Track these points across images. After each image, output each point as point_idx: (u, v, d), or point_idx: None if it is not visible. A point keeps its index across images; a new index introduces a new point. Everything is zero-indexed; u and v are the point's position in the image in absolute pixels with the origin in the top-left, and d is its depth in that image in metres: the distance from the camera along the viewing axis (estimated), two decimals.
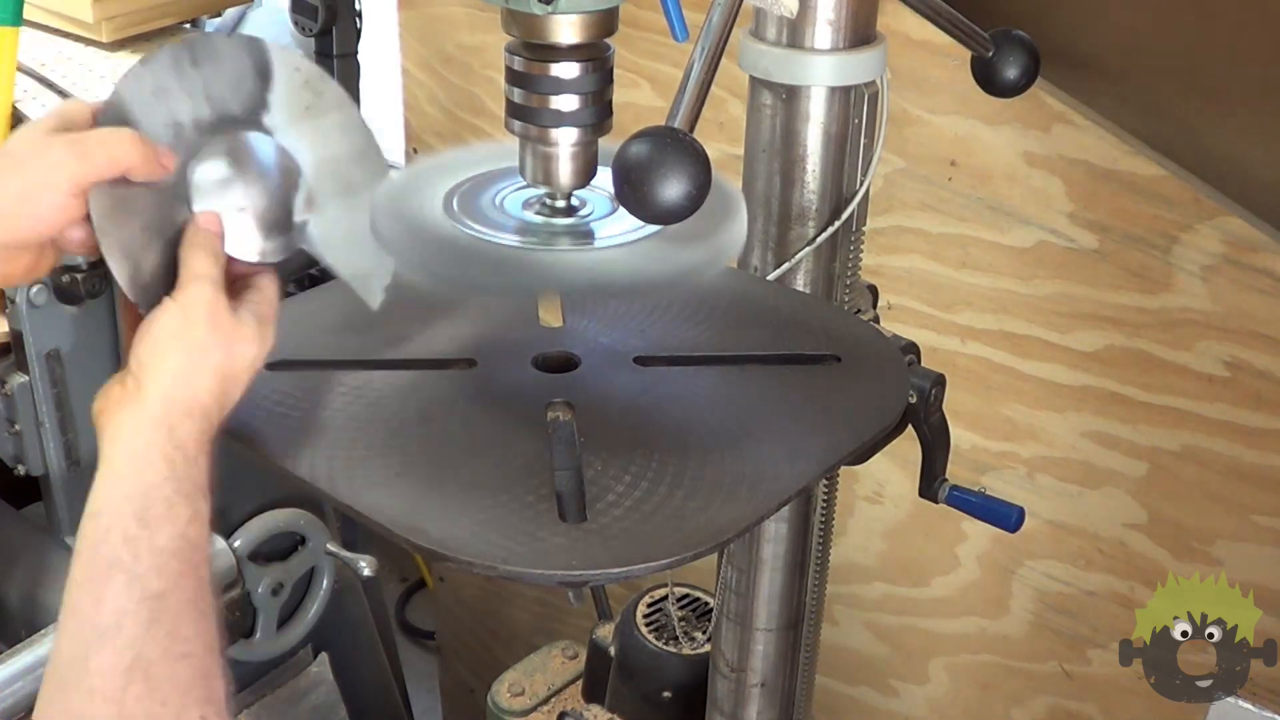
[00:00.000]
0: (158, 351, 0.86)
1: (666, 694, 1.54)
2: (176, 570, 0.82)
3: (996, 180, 1.47)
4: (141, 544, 0.81)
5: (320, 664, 1.88)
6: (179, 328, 0.86)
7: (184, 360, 0.86)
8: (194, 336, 0.86)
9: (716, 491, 0.87)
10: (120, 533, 0.81)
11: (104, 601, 0.80)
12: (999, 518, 1.19)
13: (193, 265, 0.89)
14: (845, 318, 1.16)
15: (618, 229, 0.91)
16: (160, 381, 0.85)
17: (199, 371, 0.86)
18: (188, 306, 0.87)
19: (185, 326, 0.86)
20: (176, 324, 0.86)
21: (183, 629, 0.81)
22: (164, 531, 0.82)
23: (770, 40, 1.09)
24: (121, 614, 0.79)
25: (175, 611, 0.81)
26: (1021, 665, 1.67)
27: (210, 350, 0.86)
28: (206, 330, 0.86)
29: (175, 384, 0.85)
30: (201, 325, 0.86)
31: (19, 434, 1.83)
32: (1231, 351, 1.37)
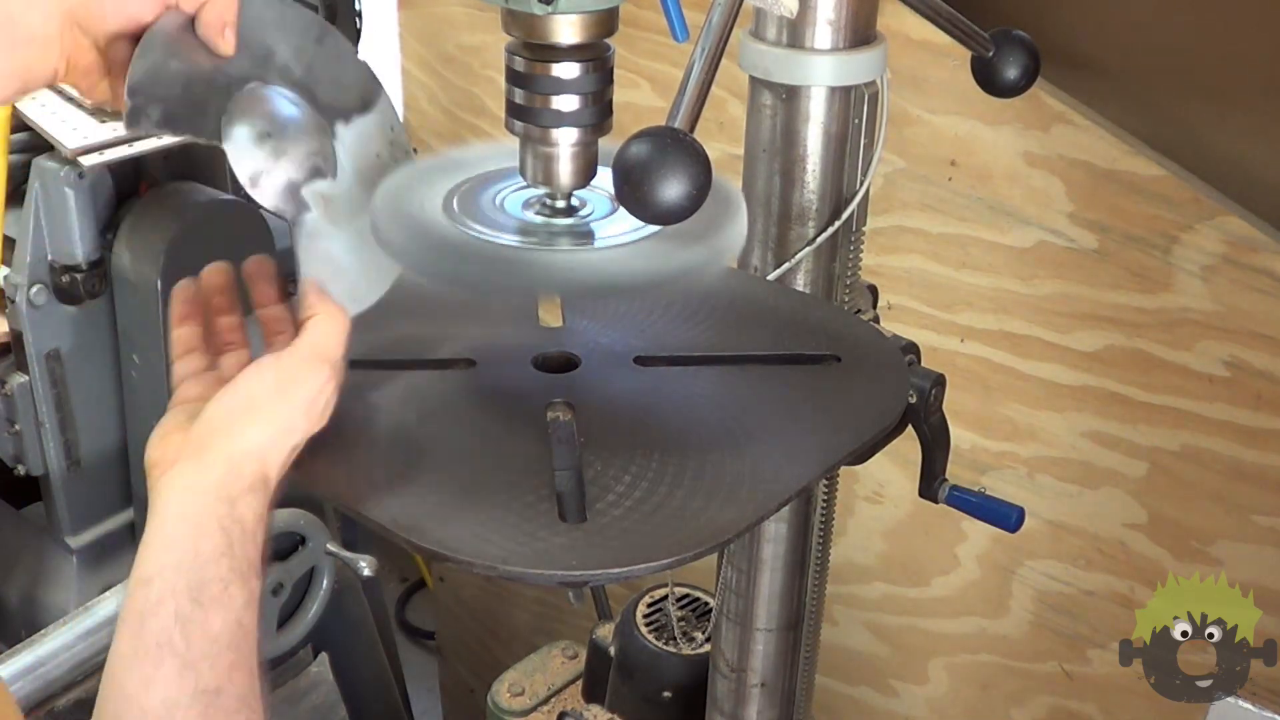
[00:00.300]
0: (236, 420, 0.81)
1: (666, 694, 1.54)
2: (229, 662, 0.78)
3: (996, 180, 1.47)
4: (194, 627, 0.77)
5: (320, 664, 1.88)
6: (271, 405, 0.81)
7: (267, 435, 0.81)
8: (285, 415, 0.82)
9: (716, 491, 0.87)
10: (172, 610, 0.77)
11: (153, 686, 0.76)
12: (999, 518, 1.19)
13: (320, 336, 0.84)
14: (845, 318, 1.16)
15: (618, 229, 0.91)
16: (231, 451, 0.80)
17: (274, 451, 0.82)
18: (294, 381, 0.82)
19: (279, 404, 0.82)
20: (270, 400, 0.81)
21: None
22: (218, 616, 0.78)
23: (770, 40, 1.09)
24: (172, 705, 0.76)
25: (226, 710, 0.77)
26: (1021, 665, 1.67)
27: (295, 431, 0.83)
28: (300, 412, 0.83)
29: (248, 458, 0.81)
30: (298, 405, 0.82)
31: (19, 434, 1.83)
32: (1231, 351, 1.37)
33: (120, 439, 1.98)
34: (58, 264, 1.79)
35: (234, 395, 0.82)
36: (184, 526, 0.79)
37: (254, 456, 0.81)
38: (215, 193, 1.96)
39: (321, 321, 0.85)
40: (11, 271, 1.80)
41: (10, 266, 1.81)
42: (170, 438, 0.83)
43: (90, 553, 2.01)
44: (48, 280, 1.79)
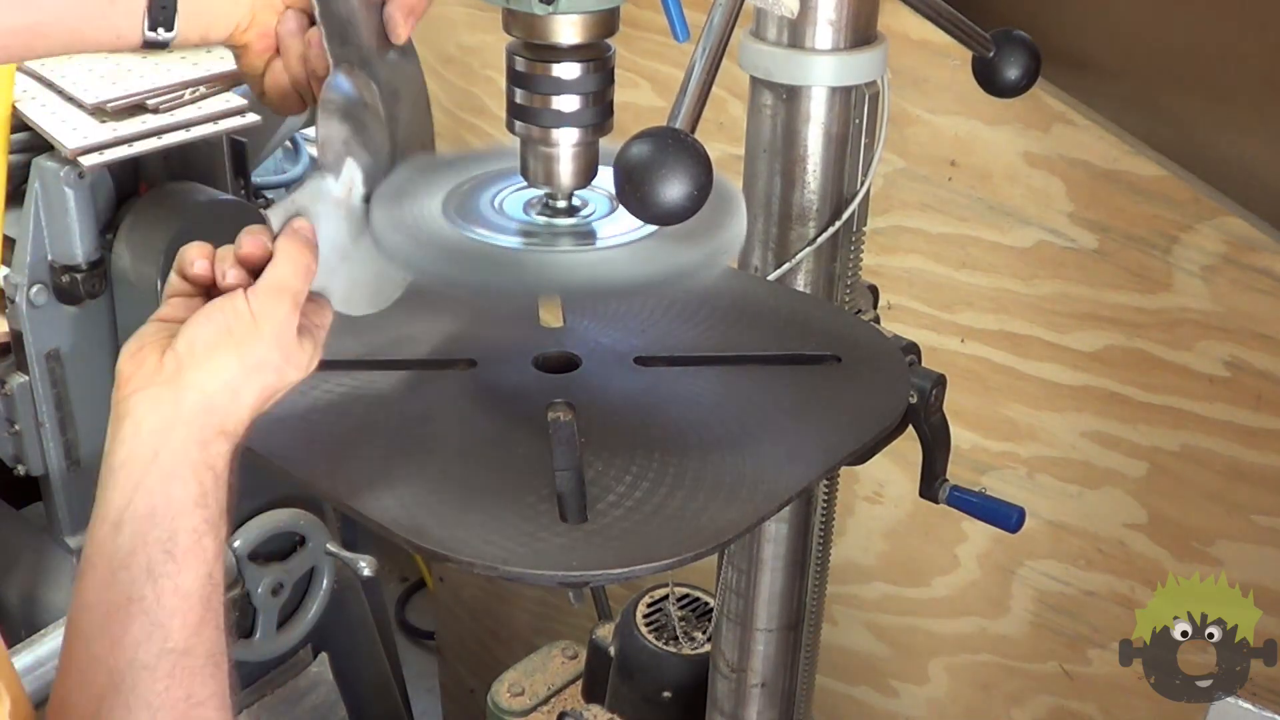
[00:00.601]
0: (213, 348, 0.80)
1: (666, 694, 1.54)
2: (198, 619, 0.77)
3: (996, 180, 1.47)
4: (165, 584, 0.76)
5: (320, 664, 1.88)
6: (243, 333, 0.80)
7: (237, 371, 0.80)
8: (255, 350, 0.81)
9: (717, 492, 0.87)
10: (144, 563, 0.76)
11: (121, 645, 0.75)
12: (999, 518, 1.19)
13: (281, 272, 0.83)
14: (845, 318, 1.16)
15: (619, 229, 0.91)
16: (205, 384, 0.79)
17: (247, 388, 0.81)
18: (261, 316, 0.81)
19: (250, 335, 0.81)
20: (242, 328, 0.80)
21: (199, 689, 0.77)
22: (190, 570, 0.76)
23: (771, 40, 1.09)
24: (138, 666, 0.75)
25: (194, 669, 0.76)
26: (1021, 665, 1.67)
27: (265, 370, 0.81)
28: (269, 347, 0.81)
29: (220, 393, 0.79)
30: (267, 340, 0.81)
31: (19, 434, 1.83)
32: (1231, 351, 1.37)
33: None
34: (58, 264, 1.79)
35: (204, 321, 0.81)
36: (155, 469, 0.77)
37: (227, 390, 0.80)
38: (215, 193, 1.95)
39: (282, 256, 0.84)
40: (11, 271, 1.80)
41: (10, 266, 1.81)
42: (146, 354, 0.81)
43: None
44: (48, 280, 1.79)
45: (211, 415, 0.79)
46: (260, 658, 1.77)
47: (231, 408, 0.80)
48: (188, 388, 0.79)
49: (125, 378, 0.80)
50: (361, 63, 0.91)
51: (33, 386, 1.81)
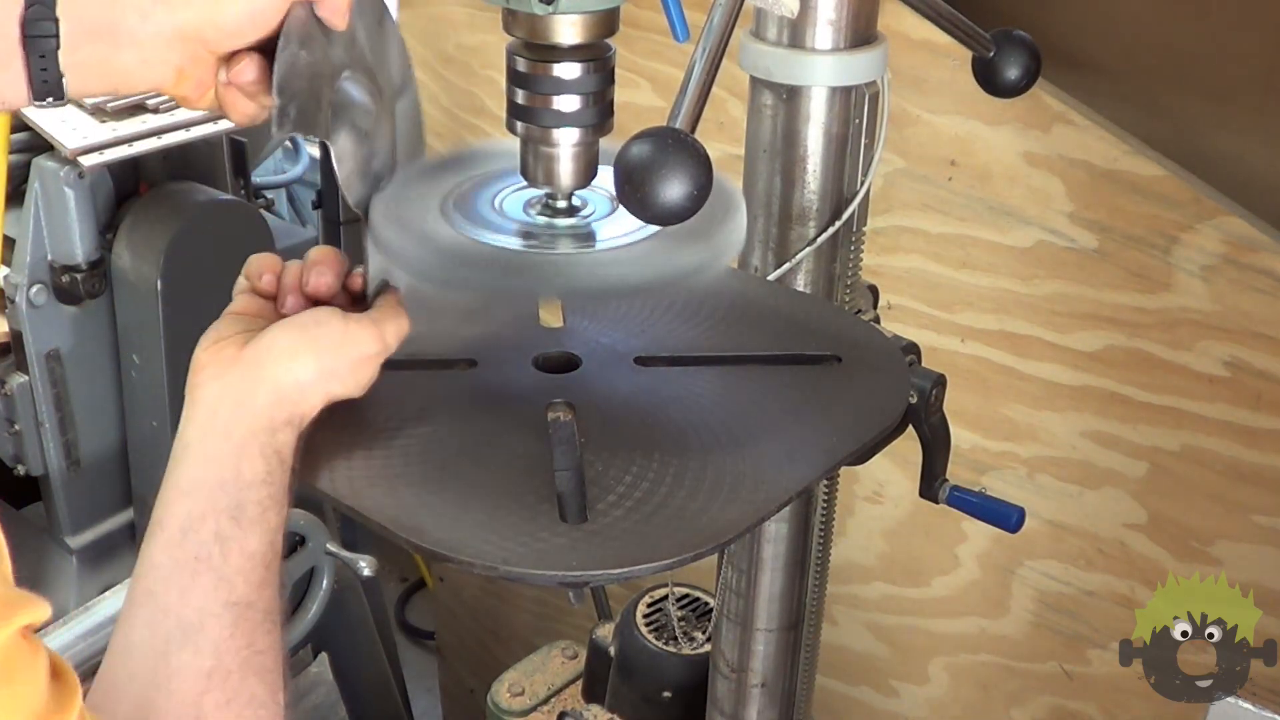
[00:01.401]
0: (295, 350, 0.85)
1: (666, 694, 1.54)
2: (260, 579, 0.82)
3: (996, 180, 1.47)
4: (233, 545, 0.81)
5: (320, 664, 1.88)
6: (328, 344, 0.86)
7: (313, 373, 0.85)
8: (333, 361, 0.86)
9: (717, 492, 0.87)
10: (213, 527, 0.81)
11: (189, 597, 0.80)
12: (999, 518, 1.19)
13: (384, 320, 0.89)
14: (845, 318, 1.16)
15: (619, 229, 0.91)
16: (280, 378, 0.84)
17: (316, 390, 0.86)
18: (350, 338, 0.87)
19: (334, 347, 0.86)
20: (329, 339, 0.86)
21: (260, 640, 0.82)
22: (255, 536, 0.82)
23: (771, 40, 1.09)
24: (205, 614, 0.80)
25: (256, 622, 0.81)
26: (1021, 665, 1.67)
27: (334, 379, 0.87)
28: (349, 364, 0.87)
29: (295, 389, 0.85)
30: (349, 357, 0.87)
31: (19, 434, 1.83)
32: (1231, 351, 1.37)
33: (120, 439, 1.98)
34: (58, 264, 1.79)
35: (298, 329, 0.86)
36: (227, 446, 0.82)
37: (300, 389, 0.84)
38: (215, 193, 1.96)
39: (390, 310, 0.90)
40: (11, 271, 1.80)
41: (10, 266, 1.81)
42: (224, 345, 0.86)
43: (90, 553, 2.01)
44: (48, 280, 1.79)
45: (281, 407, 0.84)
46: None
47: (300, 403, 0.85)
48: (263, 380, 0.84)
49: (201, 365, 0.85)
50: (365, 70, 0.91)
51: (33, 386, 1.81)
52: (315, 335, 0.86)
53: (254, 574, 0.82)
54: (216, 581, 0.80)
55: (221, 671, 0.79)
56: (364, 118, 0.90)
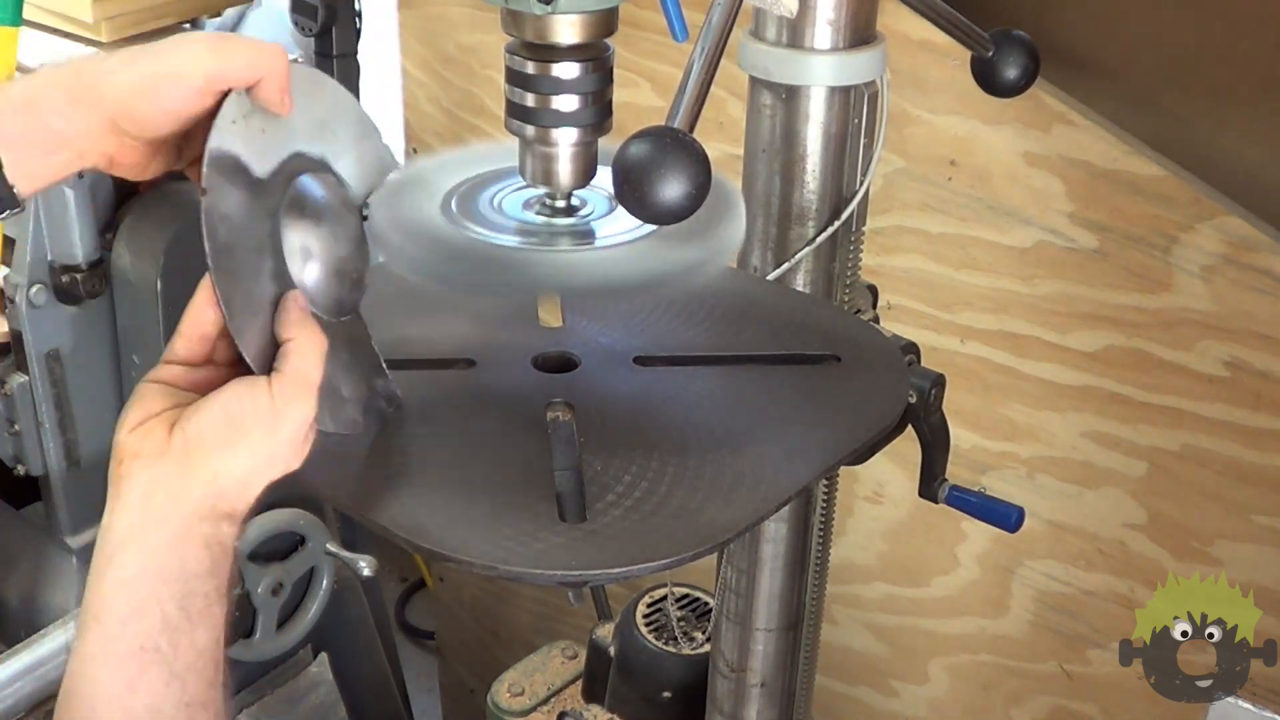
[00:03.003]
0: (229, 441, 0.78)
1: (666, 694, 1.54)
2: (210, 679, 0.77)
3: (996, 180, 1.47)
4: (182, 637, 0.76)
5: (320, 664, 1.88)
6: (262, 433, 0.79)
7: (251, 467, 0.79)
8: (272, 447, 0.79)
9: (716, 491, 0.87)
10: (159, 616, 0.75)
11: (138, 690, 0.75)
12: (999, 518, 1.19)
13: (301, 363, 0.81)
14: (845, 318, 1.16)
15: (617, 228, 0.91)
16: (218, 477, 0.78)
17: (257, 480, 0.80)
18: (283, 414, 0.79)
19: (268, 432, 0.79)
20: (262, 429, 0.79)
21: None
22: (203, 629, 0.77)
23: (770, 40, 1.08)
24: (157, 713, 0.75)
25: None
26: (1021, 665, 1.67)
27: (276, 464, 0.80)
28: (285, 444, 0.80)
29: (233, 486, 0.79)
30: (284, 438, 0.80)
31: (19, 434, 1.83)
32: (1231, 351, 1.37)
33: None
34: (58, 264, 1.79)
35: (223, 410, 0.79)
36: (166, 535, 0.77)
37: (238, 483, 0.79)
38: None
39: (304, 345, 0.82)
40: (11, 271, 1.79)
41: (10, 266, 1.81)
42: (151, 428, 0.79)
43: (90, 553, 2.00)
44: (48, 280, 1.79)
45: (221, 501, 0.78)
46: (260, 658, 1.77)
47: (240, 496, 0.79)
48: (196, 476, 0.77)
49: (129, 452, 0.78)
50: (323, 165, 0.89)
51: (33, 386, 1.81)
52: (244, 423, 0.78)
53: (205, 671, 0.77)
54: (168, 678, 0.75)
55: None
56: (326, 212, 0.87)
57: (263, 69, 0.80)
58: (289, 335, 0.82)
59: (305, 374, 0.81)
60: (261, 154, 0.84)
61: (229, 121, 0.81)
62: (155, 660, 0.75)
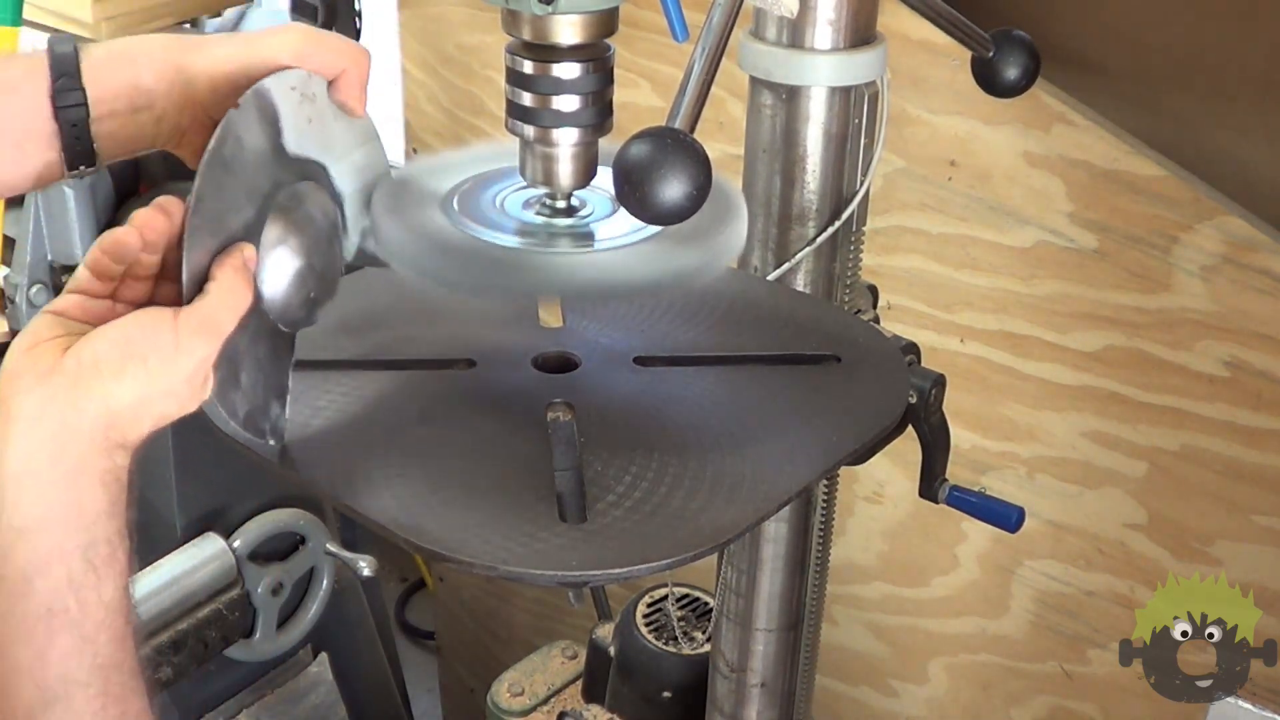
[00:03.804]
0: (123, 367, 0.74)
1: (666, 694, 1.54)
2: (121, 631, 0.73)
3: (996, 180, 1.47)
4: (88, 594, 0.72)
5: (320, 664, 1.88)
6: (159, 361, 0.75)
7: (142, 394, 0.75)
8: (166, 380, 0.75)
9: (717, 492, 0.87)
10: (64, 573, 0.71)
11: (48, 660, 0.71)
12: (999, 518, 1.19)
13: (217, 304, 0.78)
14: (845, 318, 1.16)
15: (618, 229, 0.91)
16: (108, 398, 0.73)
17: (148, 412, 0.76)
18: (183, 350, 0.76)
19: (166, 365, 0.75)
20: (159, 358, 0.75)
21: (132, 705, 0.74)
22: (110, 581, 0.73)
23: (770, 40, 1.09)
24: (70, 682, 0.71)
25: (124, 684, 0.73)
26: (1021, 665, 1.67)
27: (169, 399, 0.76)
28: (181, 380, 0.76)
29: (123, 411, 0.74)
30: (181, 374, 0.76)
31: None
32: (1231, 351, 1.37)
33: None
34: (58, 264, 1.79)
35: (121, 335, 0.75)
36: (60, 471, 0.72)
37: (129, 411, 0.74)
38: None
39: (227, 289, 0.78)
40: (11, 271, 1.80)
41: (10, 266, 1.81)
42: (42, 350, 0.74)
43: None
44: (48, 280, 1.79)
45: (113, 429, 0.74)
46: (260, 658, 1.77)
47: (132, 424, 0.75)
48: (88, 397, 0.73)
49: (14, 374, 0.73)
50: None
51: None
52: (142, 349, 0.74)
53: (115, 627, 0.72)
54: (79, 643, 0.71)
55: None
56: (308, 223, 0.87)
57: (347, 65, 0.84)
58: (219, 274, 0.79)
59: (216, 316, 0.78)
60: (295, 133, 0.85)
61: (288, 86, 0.84)
62: (64, 623, 0.71)
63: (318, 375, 1.00)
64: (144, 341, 0.75)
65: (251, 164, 0.83)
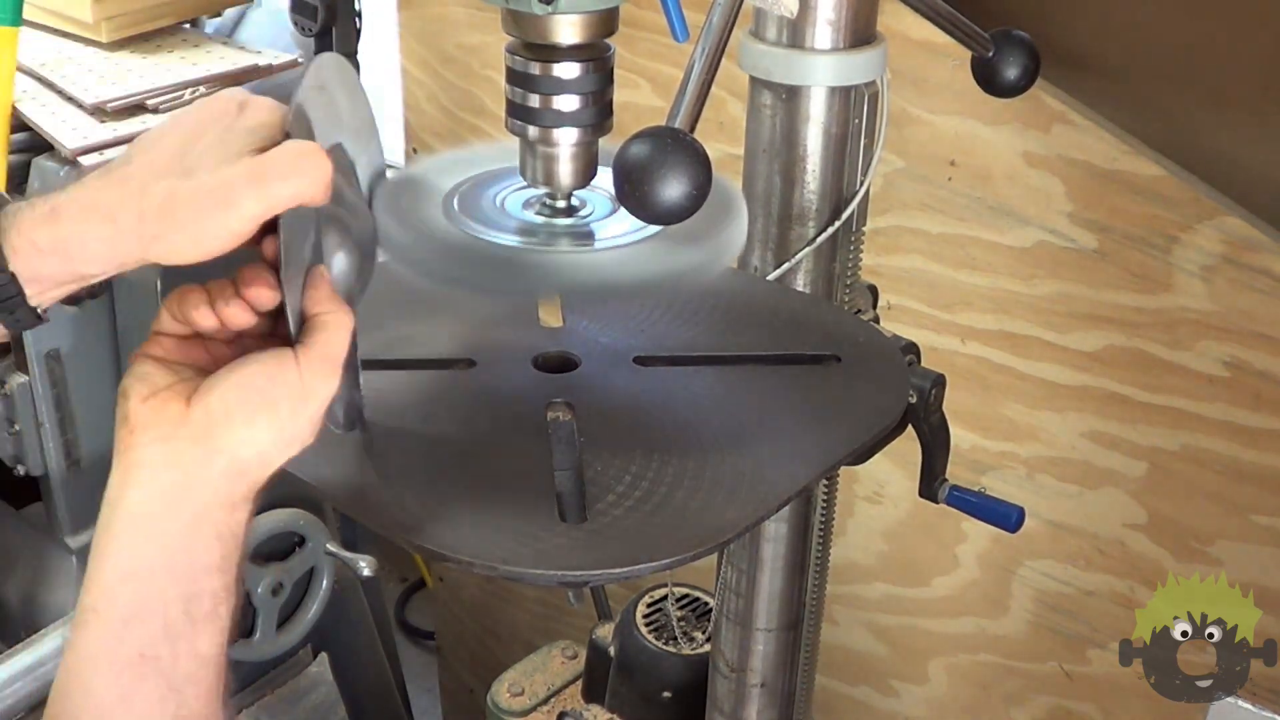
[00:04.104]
0: (253, 415, 0.73)
1: (666, 694, 1.54)
2: (209, 688, 0.73)
3: (996, 180, 1.47)
4: (184, 645, 0.72)
5: (320, 664, 1.88)
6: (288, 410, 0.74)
7: (274, 442, 0.74)
8: (296, 424, 0.75)
9: (716, 491, 0.87)
10: (161, 621, 0.71)
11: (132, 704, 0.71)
12: (999, 518, 1.19)
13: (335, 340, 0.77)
14: (845, 318, 1.16)
15: (618, 229, 0.91)
16: (239, 450, 0.73)
17: (278, 457, 0.75)
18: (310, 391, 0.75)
19: (296, 409, 0.75)
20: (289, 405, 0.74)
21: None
22: (206, 635, 0.73)
23: (770, 40, 1.09)
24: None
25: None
26: (1021, 665, 1.67)
27: (297, 442, 0.76)
28: (309, 423, 0.76)
29: (253, 461, 0.74)
30: (309, 415, 0.75)
31: (19, 434, 1.83)
32: (1231, 351, 1.37)
33: None
34: None
35: (249, 383, 0.74)
36: (177, 524, 0.72)
37: (259, 458, 0.74)
38: None
39: (335, 321, 0.77)
40: None
41: None
42: (167, 400, 0.74)
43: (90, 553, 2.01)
44: None
45: (241, 481, 0.74)
46: (260, 658, 1.77)
47: (260, 472, 0.75)
48: (219, 451, 0.73)
49: (141, 424, 0.74)
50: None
51: (33, 386, 1.81)
52: (272, 396, 0.74)
53: (205, 682, 0.73)
54: (165, 691, 0.71)
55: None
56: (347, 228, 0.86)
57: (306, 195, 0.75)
58: (321, 309, 0.77)
59: (335, 350, 0.77)
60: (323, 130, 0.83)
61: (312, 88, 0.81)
62: (153, 670, 0.71)
63: None
64: (273, 389, 0.74)
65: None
